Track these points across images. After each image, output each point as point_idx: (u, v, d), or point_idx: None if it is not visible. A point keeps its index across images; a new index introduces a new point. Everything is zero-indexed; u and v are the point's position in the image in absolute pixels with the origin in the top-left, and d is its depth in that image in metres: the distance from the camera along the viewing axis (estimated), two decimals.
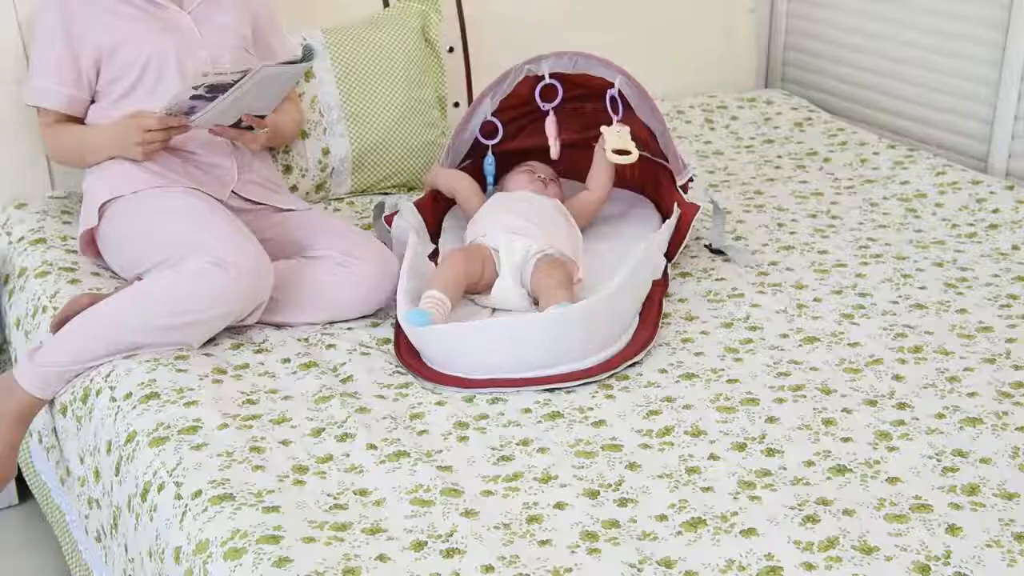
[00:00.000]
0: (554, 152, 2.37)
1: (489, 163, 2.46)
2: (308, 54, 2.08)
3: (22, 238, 2.36)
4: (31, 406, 1.97)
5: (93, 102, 2.25)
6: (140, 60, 2.18)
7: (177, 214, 2.08)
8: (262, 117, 2.19)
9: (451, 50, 2.91)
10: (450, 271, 2.08)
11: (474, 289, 2.14)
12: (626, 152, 2.26)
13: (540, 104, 2.41)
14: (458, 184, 2.40)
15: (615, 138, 2.27)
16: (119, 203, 2.14)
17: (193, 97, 2.03)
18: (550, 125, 2.38)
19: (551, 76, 2.37)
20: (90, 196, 2.19)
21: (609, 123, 2.32)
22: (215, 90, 2.02)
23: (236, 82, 2.01)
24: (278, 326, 2.09)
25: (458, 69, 2.94)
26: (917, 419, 1.78)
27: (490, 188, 2.46)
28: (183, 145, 2.21)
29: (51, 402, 2.00)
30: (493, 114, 2.41)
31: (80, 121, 2.26)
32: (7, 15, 2.45)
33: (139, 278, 2.09)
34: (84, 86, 2.22)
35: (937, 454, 1.69)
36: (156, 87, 2.18)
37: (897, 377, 1.90)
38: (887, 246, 2.40)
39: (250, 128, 2.18)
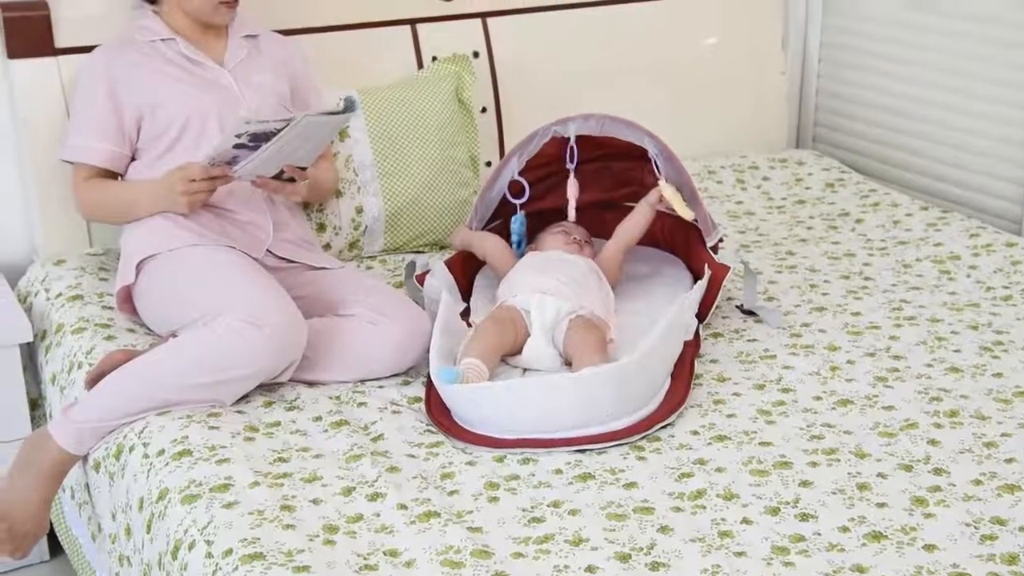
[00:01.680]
0: (570, 215, 2.39)
1: (517, 222, 2.47)
2: (350, 105, 2.11)
3: (60, 294, 2.39)
4: (65, 462, 1.98)
5: (133, 159, 2.29)
6: (181, 118, 2.23)
7: (212, 271, 2.10)
8: (303, 169, 2.21)
9: (484, 111, 2.94)
10: (485, 338, 2.08)
11: (506, 351, 2.14)
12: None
13: (568, 165, 2.43)
14: (487, 245, 2.41)
15: (671, 192, 2.29)
16: (156, 260, 2.16)
17: (236, 146, 2.05)
18: (571, 187, 2.40)
19: (577, 138, 2.38)
20: (127, 253, 2.22)
21: (638, 183, 2.34)
22: (258, 139, 2.04)
23: (279, 131, 2.03)
24: (310, 384, 2.10)
25: (491, 129, 2.97)
26: (954, 485, 1.76)
27: (517, 247, 2.47)
28: (221, 203, 2.24)
29: (84, 458, 2.01)
30: (521, 174, 2.43)
31: (117, 177, 2.30)
32: (51, 76, 2.50)
33: (174, 335, 2.10)
34: (125, 142, 2.27)
35: (975, 521, 1.67)
36: (197, 144, 2.22)
37: (932, 442, 1.88)
38: (921, 308, 2.39)
39: (291, 180, 2.20)
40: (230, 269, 2.11)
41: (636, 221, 2.39)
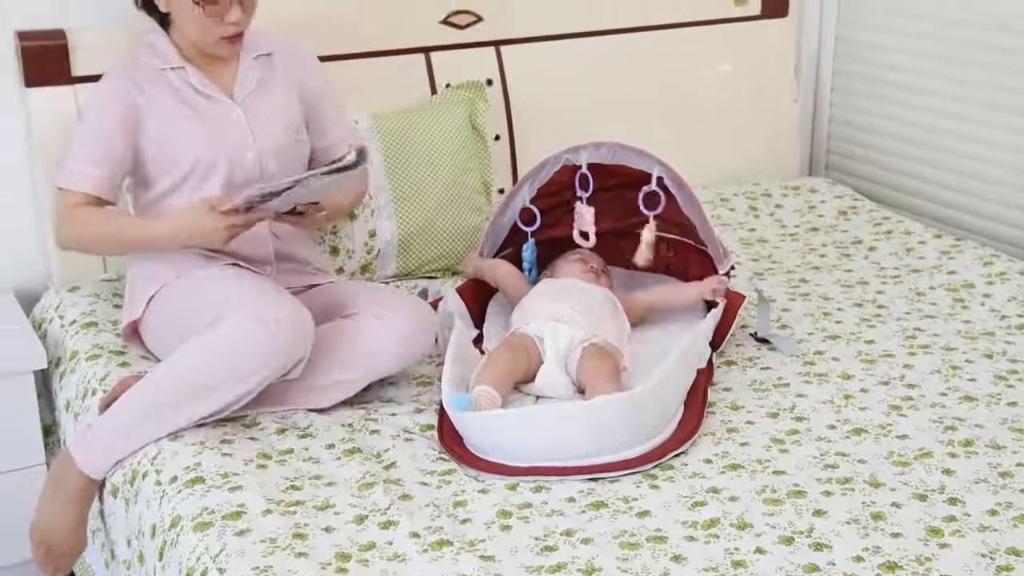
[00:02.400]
0: (590, 241, 2.40)
1: (529, 250, 2.48)
2: (361, 158, 2.03)
3: (74, 321, 2.40)
4: (87, 484, 1.99)
5: (138, 198, 2.25)
6: (188, 160, 2.17)
7: (216, 283, 2.11)
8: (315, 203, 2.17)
9: (497, 138, 2.95)
10: (498, 365, 2.08)
11: (519, 378, 2.14)
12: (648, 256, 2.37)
13: (579, 193, 2.43)
14: (499, 272, 2.42)
15: (649, 236, 2.36)
16: (161, 290, 2.17)
17: (247, 204, 2.05)
18: (587, 214, 2.41)
19: (589, 166, 2.39)
20: (135, 287, 2.22)
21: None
22: (269, 197, 2.04)
23: (288, 189, 2.02)
24: (322, 410, 2.09)
25: (504, 156, 2.98)
26: (969, 515, 1.75)
27: (529, 275, 2.47)
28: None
29: (104, 482, 2.02)
30: (532, 201, 2.44)
31: (104, 204, 2.18)
32: (67, 104, 2.52)
33: None
34: (121, 173, 2.18)
35: (991, 552, 1.65)
36: (201, 186, 2.18)
37: (947, 471, 1.87)
38: (935, 336, 2.38)
39: (301, 214, 2.16)
40: (233, 278, 2.12)
41: (681, 300, 2.39)
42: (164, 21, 2.22)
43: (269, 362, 1.96)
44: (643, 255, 2.38)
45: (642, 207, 2.35)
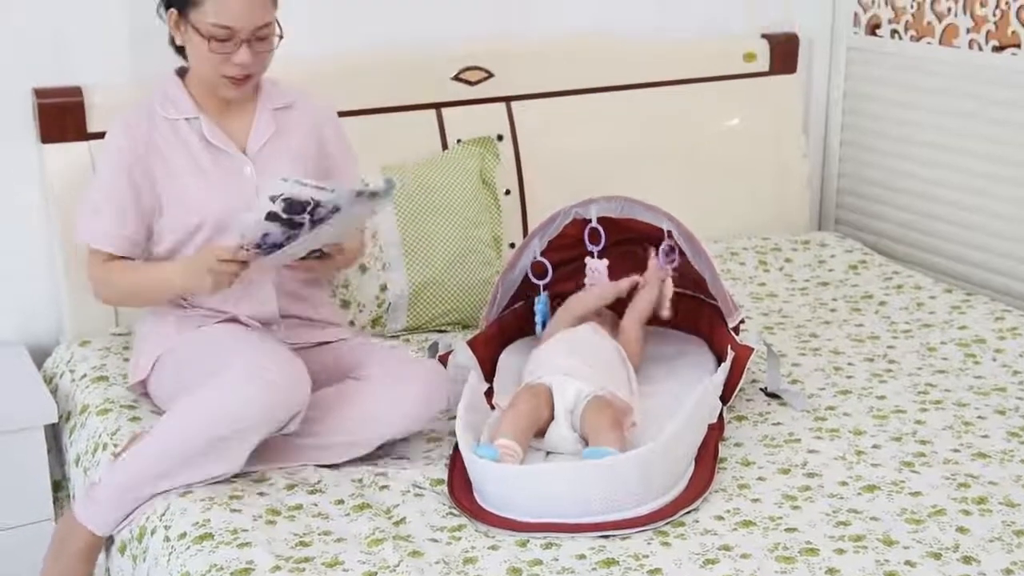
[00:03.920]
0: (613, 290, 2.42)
1: (541, 303, 2.48)
2: (389, 188, 2.00)
3: (84, 375, 2.40)
4: (94, 543, 1.99)
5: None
6: (198, 216, 2.17)
7: (217, 340, 2.12)
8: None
9: (508, 192, 2.97)
10: (519, 421, 2.07)
11: (536, 432, 2.13)
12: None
13: (588, 247, 2.44)
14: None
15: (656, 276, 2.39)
16: (167, 351, 2.18)
17: (269, 216, 1.94)
18: (601, 267, 2.41)
19: (600, 220, 2.40)
20: (142, 348, 2.24)
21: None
22: (293, 209, 1.94)
23: (315, 201, 1.93)
24: (329, 449, 2.09)
25: (514, 211, 2.99)
26: (984, 574, 1.73)
27: (542, 328, 2.47)
28: (223, 301, 2.20)
29: (111, 540, 2.01)
30: (543, 254, 2.45)
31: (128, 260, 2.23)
32: (82, 159, 2.54)
33: None
34: (143, 229, 2.21)
35: None
36: (210, 242, 2.17)
37: (961, 529, 1.85)
38: (947, 392, 2.37)
39: (323, 255, 2.13)
40: (233, 335, 2.13)
41: (612, 290, 2.42)
42: (183, 54, 2.22)
43: (264, 416, 1.96)
44: (664, 308, 2.39)
45: (661, 260, 2.37)
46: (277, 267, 2.16)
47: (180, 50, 2.22)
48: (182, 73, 2.26)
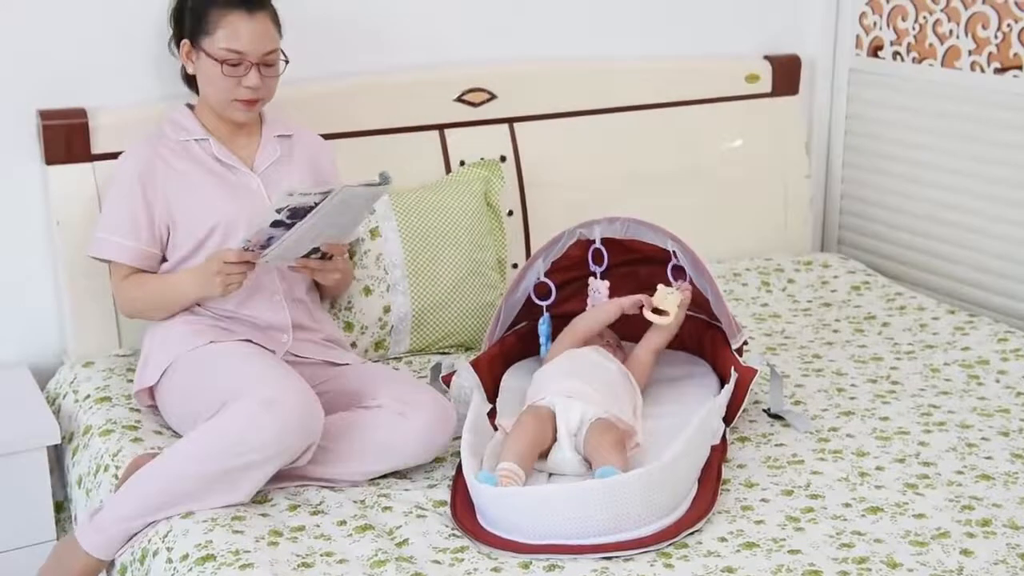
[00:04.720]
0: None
1: (545, 324, 2.48)
2: (385, 179, 2.16)
3: (87, 396, 2.41)
4: (93, 568, 1.98)
5: (164, 259, 2.32)
6: (208, 224, 2.26)
7: (229, 363, 2.13)
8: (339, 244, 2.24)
9: (511, 213, 2.97)
10: (522, 443, 2.07)
11: (539, 454, 2.13)
12: (664, 312, 2.34)
13: (592, 267, 2.44)
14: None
15: (660, 296, 2.35)
16: (176, 363, 2.19)
17: (274, 223, 2.06)
18: (602, 288, 2.42)
19: (603, 240, 2.41)
20: (149, 356, 2.25)
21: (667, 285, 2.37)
22: (297, 215, 2.05)
23: (317, 204, 2.04)
24: (334, 484, 2.09)
25: (517, 231, 3.00)
26: None
27: (546, 349, 2.48)
28: (238, 310, 2.27)
29: (112, 562, 2.01)
30: (546, 275, 2.45)
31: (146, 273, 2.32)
32: (86, 180, 2.55)
33: None
34: (155, 243, 2.30)
35: None
36: (220, 246, 2.24)
37: (966, 552, 1.85)
38: (950, 413, 2.36)
39: (326, 256, 2.22)
40: (246, 359, 2.14)
41: (604, 315, 2.41)
42: (194, 87, 2.37)
43: (276, 449, 1.96)
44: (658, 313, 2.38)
45: (671, 280, 2.38)
46: (280, 266, 2.23)
47: (191, 82, 2.37)
48: (190, 107, 2.40)
